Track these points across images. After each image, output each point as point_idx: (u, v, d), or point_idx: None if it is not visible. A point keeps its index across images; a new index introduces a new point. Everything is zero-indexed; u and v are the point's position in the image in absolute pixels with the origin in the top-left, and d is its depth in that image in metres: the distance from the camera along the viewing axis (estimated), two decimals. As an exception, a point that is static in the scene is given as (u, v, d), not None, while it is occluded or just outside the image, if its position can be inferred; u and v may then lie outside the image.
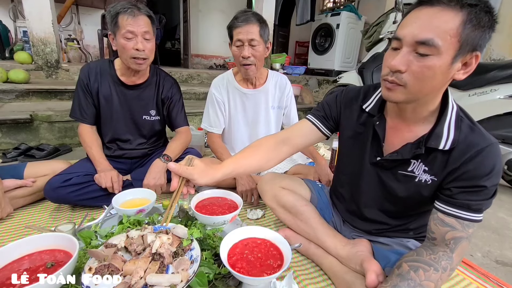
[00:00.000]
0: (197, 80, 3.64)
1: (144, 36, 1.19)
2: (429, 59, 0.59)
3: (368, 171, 0.85)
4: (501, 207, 1.72)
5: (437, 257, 0.65)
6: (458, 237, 0.66)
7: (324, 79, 4.62)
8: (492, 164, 0.64)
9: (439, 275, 0.63)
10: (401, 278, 0.64)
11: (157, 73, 1.44)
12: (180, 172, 0.68)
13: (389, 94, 0.67)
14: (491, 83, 1.84)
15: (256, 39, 1.25)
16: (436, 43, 0.57)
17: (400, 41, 0.62)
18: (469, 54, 0.60)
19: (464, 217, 0.66)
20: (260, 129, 1.54)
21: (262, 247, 0.74)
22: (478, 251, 1.26)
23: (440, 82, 0.62)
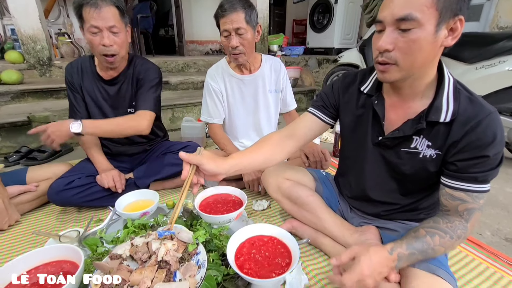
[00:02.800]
0: (193, 69, 3.55)
1: (111, 30, 1.10)
2: (412, 33, 0.60)
3: (371, 152, 0.85)
4: (508, 181, 1.70)
5: (453, 226, 0.68)
6: (471, 208, 0.67)
7: (324, 58, 4.48)
8: (493, 133, 0.64)
9: (453, 242, 0.67)
10: (417, 239, 0.67)
11: (135, 63, 1.32)
12: (190, 159, 0.71)
13: (384, 76, 0.68)
14: (500, 54, 1.76)
15: (243, 27, 1.20)
16: (415, 16, 0.59)
17: (382, 23, 0.64)
18: (452, 20, 0.61)
19: (472, 189, 0.67)
20: (261, 115, 1.52)
21: (270, 245, 0.73)
22: (487, 230, 1.25)
23: (430, 52, 0.63)
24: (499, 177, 1.71)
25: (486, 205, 1.44)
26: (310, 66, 4.35)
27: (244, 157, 0.85)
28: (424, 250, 0.66)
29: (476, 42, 1.89)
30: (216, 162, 0.74)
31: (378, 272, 0.64)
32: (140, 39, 3.94)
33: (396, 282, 0.74)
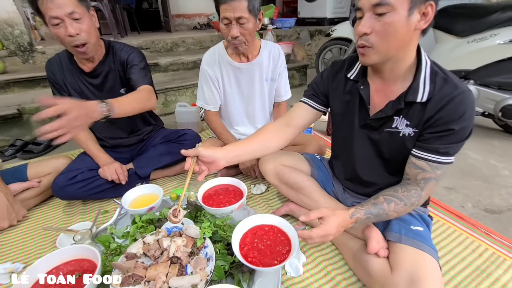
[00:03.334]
0: (183, 47, 3.42)
1: (72, 17, 1.02)
2: (387, 17, 0.66)
3: (358, 134, 0.91)
4: (492, 153, 1.79)
5: (409, 194, 0.77)
6: (428, 177, 0.76)
7: (316, 29, 4.34)
8: (462, 110, 0.69)
9: (406, 208, 0.77)
10: (375, 206, 0.78)
11: (113, 49, 1.26)
12: (189, 153, 0.81)
13: (364, 59, 0.75)
14: (492, 27, 1.75)
15: (245, 16, 1.14)
16: (389, 1, 0.64)
17: (361, 10, 0.70)
18: (423, 5, 0.66)
19: (433, 159, 0.74)
20: (256, 103, 1.51)
21: (271, 234, 0.80)
22: (469, 202, 1.35)
23: (404, 35, 0.68)
24: (483, 149, 1.82)
25: (469, 177, 1.53)
26: (302, 39, 4.23)
27: (242, 144, 0.94)
28: (379, 214, 0.77)
29: (469, 14, 1.87)
30: (212, 149, 0.85)
31: (338, 231, 0.76)
32: (124, 16, 3.72)
33: (384, 257, 0.83)
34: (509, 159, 1.70)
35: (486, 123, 2.18)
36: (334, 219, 0.75)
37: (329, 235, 0.74)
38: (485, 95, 1.88)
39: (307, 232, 0.75)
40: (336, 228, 0.75)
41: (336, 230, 0.75)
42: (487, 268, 0.96)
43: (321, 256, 1.01)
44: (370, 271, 0.83)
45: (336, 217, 0.75)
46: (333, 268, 0.96)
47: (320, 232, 0.74)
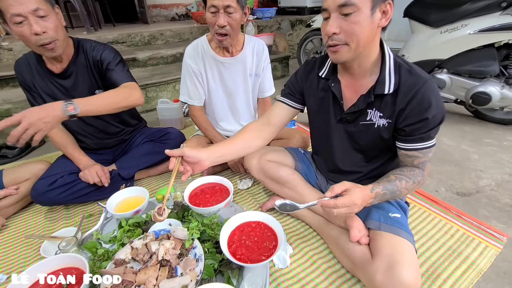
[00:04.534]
0: (161, 40, 3.31)
1: (36, 15, 0.95)
2: (353, 16, 0.70)
3: (335, 128, 0.96)
4: (464, 138, 1.90)
5: (415, 173, 0.82)
6: (423, 161, 0.83)
7: (297, 19, 4.33)
8: (430, 99, 0.76)
9: (414, 186, 0.82)
10: (389, 182, 0.81)
11: (83, 48, 1.20)
12: (173, 153, 0.82)
13: (336, 56, 0.78)
14: (462, 18, 1.83)
15: (233, 6, 1.13)
16: (353, 1, 0.69)
17: (327, 11, 0.74)
18: (383, 4, 0.72)
19: (422, 147, 0.81)
20: (240, 98, 1.51)
21: (257, 230, 0.82)
22: (442, 186, 1.44)
23: (370, 32, 0.74)
24: (456, 135, 1.93)
25: (444, 162, 1.63)
26: (283, 29, 4.20)
27: (226, 145, 0.96)
28: (394, 191, 0.80)
29: (442, 5, 1.93)
30: (197, 150, 0.86)
31: (361, 204, 0.77)
32: (96, 7, 3.53)
33: (365, 244, 0.88)
34: (479, 144, 1.81)
35: (458, 109, 2.30)
36: (359, 190, 0.75)
37: (355, 206, 0.74)
38: (457, 83, 1.97)
39: (333, 201, 0.74)
40: (361, 199, 0.75)
41: (361, 201, 0.75)
42: (458, 247, 1.04)
43: (307, 246, 1.05)
44: (353, 258, 0.88)
45: (360, 189, 0.76)
46: (318, 257, 1.01)
47: (346, 201, 0.73)
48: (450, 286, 0.89)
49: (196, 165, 0.86)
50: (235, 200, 1.34)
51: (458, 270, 0.95)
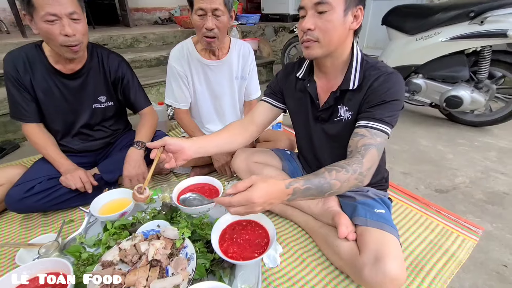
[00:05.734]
0: (144, 43, 3.26)
1: (71, 17, 0.99)
2: (327, 15, 0.76)
3: (314, 128, 1.01)
4: (439, 139, 2.01)
5: (350, 161, 0.74)
6: (368, 143, 0.77)
7: (280, 26, 4.42)
8: (389, 85, 0.80)
9: (348, 175, 0.71)
10: (315, 175, 0.71)
11: (98, 53, 1.25)
12: (154, 144, 0.82)
13: (309, 52, 0.82)
14: (435, 26, 1.95)
15: (221, 9, 1.14)
16: (328, 0, 0.74)
17: (304, 9, 0.79)
18: (355, 8, 0.79)
19: (370, 125, 0.79)
20: (226, 101, 1.51)
21: (249, 228, 0.82)
22: (421, 184, 1.51)
23: (342, 32, 0.80)
24: (432, 136, 2.03)
25: (421, 162, 1.71)
26: (267, 35, 4.28)
27: (209, 137, 0.97)
28: (321, 184, 0.69)
29: (416, 14, 2.05)
30: (179, 139, 0.86)
31: (269, 203, 0.66)
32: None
33: (353, 240, 0.90)
34: (453, 144, 1.92)
35: (433, 112, 2.43)
36: (262, 187, 0.64)
37: (253, 204, 0.63)
38: (431, 87, 2.09)
39: (227, 198, 0.65)
40: (263, 197, 0.64)
41: (263, 199, 0.64)
42: (438, 241, 1.09)
43: (297, 245, 1.06)
44: (341, 255, 0.90)
45: (266, 185, 0.65)
46: (308, 255, 1.02)
47: (242, 199, 0.63)
48: (432, 278, 0.93)
49: (179, 154, 0.85)
50: (223, 201, 1.33)
51: (439, 262, 0.99)
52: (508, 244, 1.10)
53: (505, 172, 1.59)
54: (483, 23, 1.77)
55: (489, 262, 1.02)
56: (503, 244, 1.10)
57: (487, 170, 1.61)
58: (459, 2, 1.89)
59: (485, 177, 1.54)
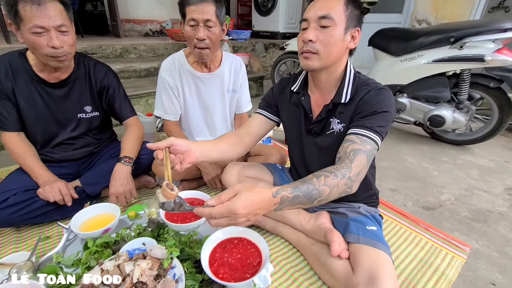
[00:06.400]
0: (134, 54, 3.24)
1: (59, 30, 0.98)
2: (330, 29, 0.80)
3: (306, 141, 1.01)
4: (423, 156, 2.07)
5: (339, 166, 0.73)
6: (357, 149, 0.76)
7: (270, 42, 4.53)
8: (379, 98, 0.83)
9: (337, 180, 0.69)
10: (303, 182, 0.68)
11: (84, 63, 1.24)
12: (159, 145, 0.75)
13: (308, 63, 0.85)
14: (419, 49, 2.06)
15: (213, 20, 1.15)
16: (332, 16, 0.79)
17: (307, 21, 0.82)
18: (354, 29, 0.83)
19: (361, 132, 0.80)
20: (217, 114, 1.50)
21: (240, 247, 0.79)
22: (409, 201, 1.53)
23: (340, 49, 0.83)
24: (417, 153, 2.09)
25: (408, 178, 1.74)
26: (257, 51, 4.37)
27: (211, 142, 0.95)
28: (309, 191, 0.66)
29: (401, 37, 2.16)
30: (185, 140, 0.83)
31: (254, 213, 0.61)
32: (64, 17, 3.37)
33: (346, 258, 0.88)
34: (437, 162, 1.98)
35: (417, 131, 2.52)
36: (247, 196, 0.59)
37: (236, 216, 0.58)
38: (415, 106, 2.17)
39: (207, 209, 0.59)
40: (247, 208, 0.58)
41: (247, 210, 0.58)
42: (428, 259, 1.09)
43: (288, 264, 1.03)
44: (334, 273, 0.87)
45: (251, 194, 0.60)
46: (299, 274, 0.99)
47: (224, 210, 0.58)
48: (424, 297, 0.92)
49: (186, 155, 0.80)
50: (212, 217, 1.29)
51: (430, 281, 0.99)
52: (495, 262, 1.12)
53: (487, 190, 1.64)
54: (462, 48, 1.88)
55: (478, 280, 1.03)
56: (490, 262, 1.11)
57: (470, 187, 1.66)
58: (440, 28, 2.01)
59: (469, 195, 1.59)
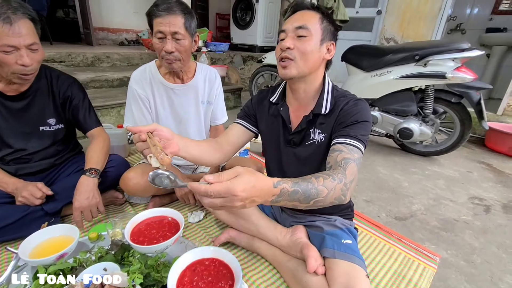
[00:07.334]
0: (107, 63, 3.11)
1: (29, 48, 0.96)
2: (306, 39, 0.84)
3: (285, 152, 1.01)
4: (395, 167, 2.14)
5: (335, 171, 0.72)
6: (347, 158, 0.76)
7: (248, 55, 4.59)
8: (357, 109, 0.86)
9: (335, 184, 0.68)
10: (303, 180, 0.67)
11: (47, 74, 1.19)
12: (142, 128, 0.73)
13: (285, 72, 0.87)
14: (387, 65, 2.17)
15: (181, 33, 1.13)
16: (309, 27, 0.83)
17: (285, 32, 0.87)
18: (329, 42, 0.88)
19: (347, 142, 0.81)
20: (191, 126, 1.45)
21: (212, 269, 0.74)
22: (383, 212, 1.56)
23: (317, 59, 0.87)
24: (388, 165, 2.16)
25: (381, 189, 1.79)
26: (235, 63, 4.40)
27: (191, 140, 0.91)
28: (308, 189, 0.65)
29: (372, 54, 2.28)
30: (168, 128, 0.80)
31: (251, 200, 0.57)
32: (30, 23, 3.18)
33: (322, 274, 0.87)
34: (407, 173, 2.07)
35: (388, 142, 2.63)
36: (249, 180, 0.56)
37: (234, 198, 0.54)
38: (386, 120, 2.27)
39: (203, 185, 0.54)
40: (246, 191, 0.55)
41: (246, 194, 0.55)
42: (402, 271, 1.10)
43: (264, 282, 0.99)
44: (311, 291, 0.85)
45: (253, 178, 0.57)
46: (275, 293, 0.95)
47: (222, 190, 0.53)
48: (399, 311, 0.92)
49: (169, 144, 0.77)
50: (184, 235, 1.22)
51: (404, 293, 1.00)
52: (463, 271, 1.15)
53: (453, 200, 1.72)
54: (426, 65, 2.01)
55: (448, 290, 1.05)
56: (459, 271, 1.15)
57: (438, 197, 1.74)
58: (406, 46, 2.15)
59: (437, 204, 1.66)
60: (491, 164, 2.32)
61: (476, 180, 2.01)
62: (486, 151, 2.62)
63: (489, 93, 3.87)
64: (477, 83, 1.99)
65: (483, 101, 2.04)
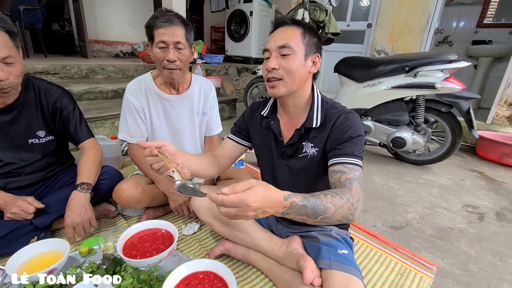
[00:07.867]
0: (101, 75, 3.12)
1: (4, 61, 0.93)
2: (290, 58, 0.84)
3: (278, 164, 1.02)
4: (389, 176, 2.16)
5: (342, 190, 0.75)
6: (350, 178, 0.78)
7: (243, 67, 4.66)
8: (350, 123, 0.87)
9: (343, 202, 0.71)
10: (313, 195, 0.70)
11: (34, 86, 1.16)
12: (151, 144, 0.78)
13: (274, 91, 0.88)
14: (379, 76, 2.22)
15: (183, 42, 1.17)
16: (291, 45, 0.83)
17: (268, 51, 0.87)
18: (314, 55, 0.89)
19: (346, 161, 0.82)
20: (186, 136, 1.45)
21: (206, 282, 0.72)
22: (378, 221, 1.56)
23: (303, 75, 0.88)
24: (383, 174, 2.18)
25: (376, 198, 1.79)
26: (230, 75, 4.45)
27: (192, 155, 0.96)
28: (317, 205, 0.68)
29: (363, 65, 2.33)
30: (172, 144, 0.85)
31: (263, 210, 0.62)
32: (26, 36, 3.19)
33: (319, 285, 0.85)
34: (402, 181, 2.08)
35: (382, 152, 2.65)
36: (261, 191, 0.61)
37: (247, 208, 0.59)
38: (379, 129, 2.31)
39: (220, 196, 0.59)
40: (259, 202, 0.60)
41: (258, 204, 0.60)
42: (399, 281, 1.09)
43: (259, 295, 0.97)
44: (308, 303, 0.84)
45: (265, 191, 0.62)
46: (271, 307, 0.93)
47: (236, 200, 0.58)
48: (397, 322, 0.91)
49: (174, 159, 0.80)
50: (179, 247, 1.20)
51: (402, 304, 0.98)
52: (459, 280, 1.15)
53: (448, 208, 1.73)
54: (416, 76, 2.07)
55: (446, 300, 1.04)
56: (455, 280, 1.15)
57: (432, 206, 1.75)
58: (396, 58, 2.21)
59: (432, 213, 1.66)
60: (483, 172, 2.35)
61: (469, 188, 2.03)
62: (477, 159, 2.66)
63: (478, 102, 3.98)
64: (465, 93, 2.05)
65: (473, 110, 2.09)
